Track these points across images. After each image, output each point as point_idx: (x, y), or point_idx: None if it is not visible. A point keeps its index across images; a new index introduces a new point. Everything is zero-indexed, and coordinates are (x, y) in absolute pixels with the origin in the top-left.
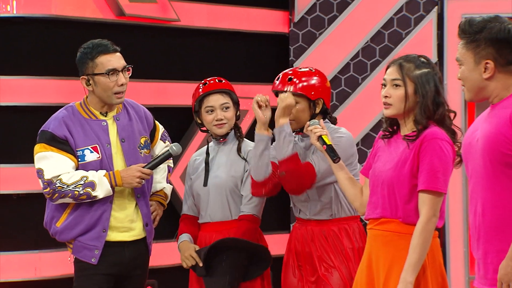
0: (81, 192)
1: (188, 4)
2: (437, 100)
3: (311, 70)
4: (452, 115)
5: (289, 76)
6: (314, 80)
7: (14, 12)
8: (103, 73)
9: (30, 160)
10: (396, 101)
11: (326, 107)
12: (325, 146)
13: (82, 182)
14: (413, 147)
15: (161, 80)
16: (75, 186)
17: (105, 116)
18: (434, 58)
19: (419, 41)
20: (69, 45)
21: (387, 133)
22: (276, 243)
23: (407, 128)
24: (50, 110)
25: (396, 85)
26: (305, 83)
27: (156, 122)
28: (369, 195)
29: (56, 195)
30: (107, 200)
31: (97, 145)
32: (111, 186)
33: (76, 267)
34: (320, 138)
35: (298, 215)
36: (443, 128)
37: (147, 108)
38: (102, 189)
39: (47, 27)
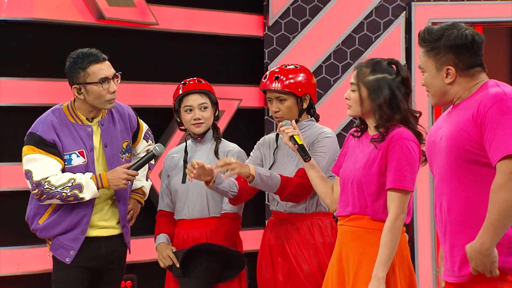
0: (69, 194)
1: (166, 8)
2: (394, 103)
3: (297, 67)
4: (417, 115)
5: (276, 75)
6: (300, 77)
7: None
8: (95, 82)
9: (13, 159)
10: (353, 104)
11: (313, 102)
12: (296, 145)
13: (69, 184)
14: (381, 147)
15: (140, 81)
16: (62, 188)
17: (91, 122)
18: (402, 61)
19: (388, 44)
20: (51, 47)
21: (358, 130)
22: (252, 239)
23: (372, 130)
24: (33, 110)
25: (353, 90)
26: (291, 81)
27: (140, 121)
28: (340, 193)
29: (44, 196)
30: (89, 204)
31: (83, 150)
32: (98, 188)
33: (54, 261)
34: (292, 138)
35: (276, 207)
36: (408, 128)
37: None
38: (89, 191)
39: (29, 30)
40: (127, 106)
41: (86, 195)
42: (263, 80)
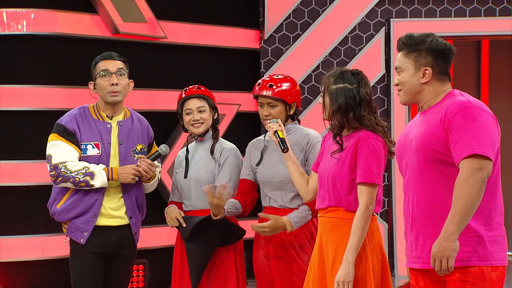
0: (81, 179)
1: (174, 24)
2: (351, 110)
3: (287, 77)
4: (380, 119)
5: (269, 83)
6: (290, 87)
7: (24, 30)
8: (98, 74)
9: (38, 157)
10: (324, 109)
11: (297, 109)
12: (278, 138)
13: (83, 171)
14: (351, 146)
15: (151, 88)
16: (77, 174)
17: (111, 120)
18: (382, 71)
19: (370, 56)
20: (71, 58)
21: (335, 130)
22: (249, 228)
23: (345, 131)
24: (53, 114)
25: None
26: (283, 89)
27: (154, 143)
28: (318, 188)
29: (60, 178)
30: (101, 191)
31: (99, 143)
32: (108, 179)
33: (71, 248)
34: (275, 132)
35: (268, 203)
36: (374, 132)
37: (138, 112)
38: (99, 180)
39: (52, 43)
40: (147, 121)
41: (96, 182)
42: (256, 87)
